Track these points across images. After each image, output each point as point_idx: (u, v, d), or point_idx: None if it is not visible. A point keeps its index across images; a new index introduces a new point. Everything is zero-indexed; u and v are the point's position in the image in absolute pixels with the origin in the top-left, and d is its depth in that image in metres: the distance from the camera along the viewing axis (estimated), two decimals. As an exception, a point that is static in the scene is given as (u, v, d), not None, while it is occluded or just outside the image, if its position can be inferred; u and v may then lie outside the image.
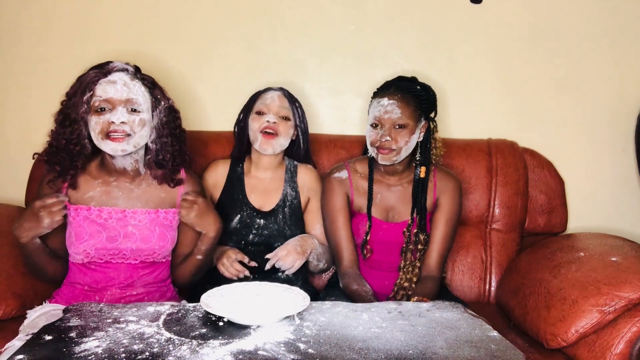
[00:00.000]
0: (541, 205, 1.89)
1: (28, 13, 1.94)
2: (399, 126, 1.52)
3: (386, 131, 1.52)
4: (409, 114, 1.53)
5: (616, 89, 2.00)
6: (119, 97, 1.31)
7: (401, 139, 1.52)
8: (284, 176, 1.67)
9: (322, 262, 1.63)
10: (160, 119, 1.39)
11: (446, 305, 1.17)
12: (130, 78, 1.34)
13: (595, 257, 1.48)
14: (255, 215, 1.61)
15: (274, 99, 1.63)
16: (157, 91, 1.39)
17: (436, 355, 0.93)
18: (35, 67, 1.95)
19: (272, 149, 1.61)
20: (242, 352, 0.92)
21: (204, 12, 1.96)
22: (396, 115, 1.52)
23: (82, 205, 1.36)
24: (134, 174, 1.41)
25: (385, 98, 1.54)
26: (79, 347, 0.92)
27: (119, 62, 1.36)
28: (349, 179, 1.63)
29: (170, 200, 1.44)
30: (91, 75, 1.33)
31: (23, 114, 1.96)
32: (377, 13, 1.98)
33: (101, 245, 1.35)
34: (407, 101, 1.54)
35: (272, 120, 1.59)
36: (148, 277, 1.42)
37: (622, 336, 1.29)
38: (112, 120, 1.30)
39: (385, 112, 1.53)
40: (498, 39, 1.99)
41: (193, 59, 1.97)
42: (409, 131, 1.53)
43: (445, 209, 1.60)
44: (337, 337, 0.99)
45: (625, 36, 1.98)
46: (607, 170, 2.02)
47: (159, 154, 1.40)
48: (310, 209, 1.69)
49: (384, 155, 1.53)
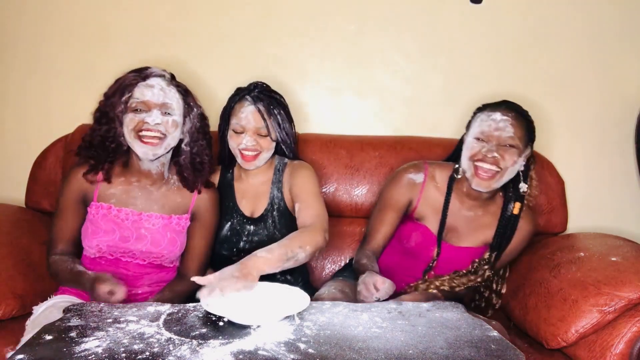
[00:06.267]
0: (541, 205, 1.89)
1: (28, 13, 1.94)
2: (509, 145, 1.40)
3: (493, 147, 1.40)
4: (521, 135, 1.41)
5: (616, 89, 2.00)
6: (156, 100, 1.36)
7: (509, 157, 1.40)
8: (272, 177, 1.60)
9: (300, 252, 1.32)
10: (193, 124, 1.44)
11: (446, 305, 1.17)
12: (167, 84, 1.39)
13: (595, 257, 1.48)
14: (245, 221, 1.57)
15: (248, 119, 1.49)
16: (190, 98, 1.45)
17: (436, 355, 0.93)
18: (35, 68, 1.95)
19: (255, 166, 1.53)
20: (242, 352, 0.92)
21: (203, 12, 1.96)
22: (507, 134, 1.40)
23: (103, 203, 1.41)
24: (158, 177, 1.45)
25: (497, 113, 1.43)
26: (79, 347, 0.92)
27: (157, 68, 1.42)
28: (422, 185, 1.53)
29: (184, 206, 1.47)
30: (130, 77, 1.38)
31: (23, 114, 1.96)
32: (377, 13, 1.98)
33: (113, 243, 1.39)
34: (520, 122, 1.43)
35: (250, 143, 1.49)
36: (155, 277, 1.45)
37: (622, 336, 1.29)
38: (146, 120, 1.35)
39: (496, 128, 1.40)
40: (498, 39, 1.99)
41: (193, 59, 1.97)
42: (517, 153, 1.41)
43: (509, 249, 1.53)
44: (337, 337, 0.99)
45: (625, 36, 1.98)
46: (607, 170, 2.02)
47: (196, 157, 1.45)
48: (294, 191, 1.52)
49: (482, 181, 1.41)
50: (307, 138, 1.87)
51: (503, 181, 1.43)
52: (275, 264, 1.27)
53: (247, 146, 1.49)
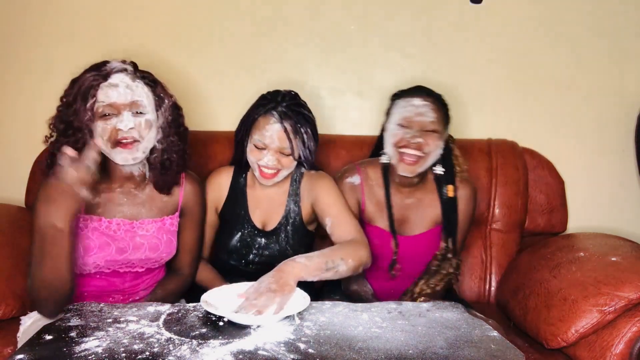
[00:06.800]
0: (541, 205, 1.89)
1: (27, 12, 1.94)
2: (431, 130, 1.43)
3: (417, 133, 1.42)
4: (440, 119, 1.44)
5: (616, 89, 2.00)
6: (123, 100, 1.24)
7: (432, 142, 1.43)
8: (289, 189, 1.53)
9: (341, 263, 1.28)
10: (165, 118, 1.33)
11: (446, 305, 1.17)
12: (131, 79, 1.26)
13: (595, 257, 1.48)
14: (256, 234, 1.51)
15: (273, 139, 1.41)
16: (159, 89, 1.33)
17: (436, 355, 0.93)
18: (34, 67, 1.95)
19: (273, 182, 1.46)
20: (242, 352, 0.92)
21: (204, 11, 1.96)
22: (429, 119, 1.43)
23: (92, 215, 1.30)
24: (140, 179, 1.36)
25: (417, 98, 1.45)
26: (79, 347, 0.92)
27: (116, 62, 1.28)
28: (361, 186, 1.55)
29: (173, 205, 1.41)
30: (89, 79, 1.24)
31: (23, 113, 1.96)
32: (377, 13, 1.98)
33: (111, 257, 1.30)
34: (437, 106, 1.46)
35: (272, 163, 1.41)
36: (150, 281, 1.42)
37: (622, 336, 1.29)
38: (119, 127, 1.23)
39: (417, 114, 1.43)
40: (498, 39, 1.99)
41: (193, 59, 1.97)
42: (439, 137, 1.44)
43: (460, 221, 1.55)
44: (337, 337, 0.99)
45: (625, 36, 1.98)
46: (607, 170, 2.02)
47: (165, 154, 1.34)
48: (320, 206, 1.47)
49: (408, 166, 1.44)
50: (307, 138, 1.87)
51: (427, 165, 1.46)
52: (313, 272, 1.22)
53: (268, 165, 1.42)
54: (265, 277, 1.17)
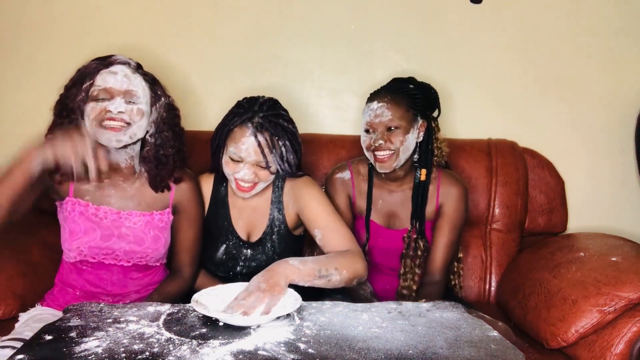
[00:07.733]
0: (541, 205, 1.89)
1: (26, 10, 1.94)
2: (392, 128, 1.48)
3: (379, 135, 1.48)
4: (401, 114, 1.49)
5: (616, 89, 2.00)
6: (119, 87, 1.26)
7: (395, 138, 1.47)
8: (271, 196, 1.48)
9: (334, 273, 1.25)
10: (160, 114, 1.35)
11: (446, 305, 1.17)
12: (132, 71, 1.30)
13: (595, 257, 1.48)
14: (241, 245, 1.47)
15: (249, 152, 1.34)
16: (158, 87, 1.36)
17: (436, 355, 0.93)
18: (33, 65, 1.96)
19: (250, 195, 1.41)
20: (242, 352, 0.92)
21: (204, 10, 1.96)
22: (386, 118, 1.48)
23: (80, 200, 1.33)
24: (129, 172, 1.37)
25: (374, 102, 1.51)
26: (79, 347, 0.92)
27: (122, 56, 1.33)
28: (352, 180, 1.61)
29: (164, 201, 1.40)
30: (92, 65, 1.29)
31: (22, 112, 1.96)
32: (377, 13, 1.98)
33: (95, 243, 1.32)
34: (397, 102, 1.49)
35: (248, 177, 1.36)
36: (141, 281, 1.40)
37: (622, 336, 1.29)
38: (109, 109, 1.24)
39: (375, 116, 1.49)
40: (498, 39, 1.99)
41: (192, 58, 1.97)
42: (403, 132, 1.48)
43: (449, 217, 1.55)
44: (337, 337, 0.99)
45: (625, 36, 1.98)
46: (607, 170, 2.03)
47: (160, 149, 1.36)
48: (307, 216, 1.41)
49: (383, 164, 1.49)
50: (307, 138, 1.87)
51: (402, 158, 1.50)
52: (305, 277, 1.19)
53: (244, 178, 1.36)
54: (256, 276, 1.16)
